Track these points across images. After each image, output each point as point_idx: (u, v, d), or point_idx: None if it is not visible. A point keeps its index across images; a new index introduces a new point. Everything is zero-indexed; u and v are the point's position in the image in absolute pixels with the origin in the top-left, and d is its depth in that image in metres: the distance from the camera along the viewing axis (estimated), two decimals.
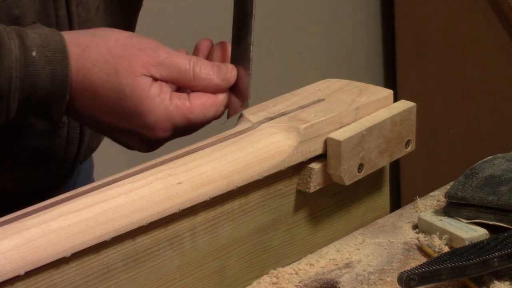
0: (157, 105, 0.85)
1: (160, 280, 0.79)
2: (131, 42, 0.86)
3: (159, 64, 0.85)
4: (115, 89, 0.84)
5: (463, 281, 0.83)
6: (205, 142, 0.84)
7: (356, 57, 2.43)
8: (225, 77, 0.89)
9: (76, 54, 0.84)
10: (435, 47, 2.28)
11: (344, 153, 0.86)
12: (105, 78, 0.84)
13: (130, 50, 0.85)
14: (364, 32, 2.42)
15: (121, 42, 0.86)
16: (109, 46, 0.85)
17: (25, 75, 0.82)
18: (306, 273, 0.88)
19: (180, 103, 0.86)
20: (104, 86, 0.84)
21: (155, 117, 0.85)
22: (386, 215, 0.99)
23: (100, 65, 0.84)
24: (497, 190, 0.92)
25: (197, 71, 0.87)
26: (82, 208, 0.73)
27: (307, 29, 2.26)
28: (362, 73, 2.43)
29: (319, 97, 0.92)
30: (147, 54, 0.85)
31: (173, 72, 0.86)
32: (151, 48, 0.86)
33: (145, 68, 0.85)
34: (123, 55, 0.85)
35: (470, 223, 0.92)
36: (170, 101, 0.85)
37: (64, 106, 0.85)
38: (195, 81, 0.87)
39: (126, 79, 0.84)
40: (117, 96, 0.85)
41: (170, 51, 0.87)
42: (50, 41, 0.84)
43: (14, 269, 0.68)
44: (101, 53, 0.85)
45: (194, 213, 0.80)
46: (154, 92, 0.85)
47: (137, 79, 0.84)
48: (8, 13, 0.89)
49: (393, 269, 0.88)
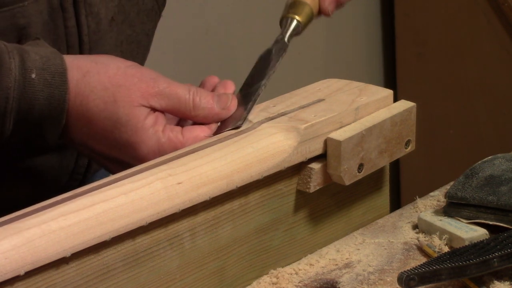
0: (149, 137, 0.84)
1: (160, 280, 0.79)
2: (132, 71, 0.86)
3: (159, 94, 0.85)
4: (111, 118, 0.84)
5: (463, 281, 0.83)
6: (205, 142, 0.84)
7: (356, 57, 2.43)
8: (225, 106, 0.88)
9: (76, 79, 0.84)
10: (435, 47, 2.28)
11: (344, 153, 0.86)
12: (102, 106, 0.84)
13: (131, 80, 0.85)
14: (364, 32, 2.42)
15: (122, 71, 0.86)
16: (109, 74, 0.85)
17: (22, 96, 0.82)
18: (306, 273, 0.88)
19: (173, 136, 0.85)
20: (101, 114, 0.84)
21: (147, 149, 0.85)
22: (386, 215, 0.99)
23: (99, 92, 0.84)
24: (497, 190, 0.92)
25: (197, 101, 0.86)
26: (82, 208, 0.73)
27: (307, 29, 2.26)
28: (362, 73, 2.43)
29: (319, 97, 0.92)
30: (147, 84, 0.85)
31: (173, 101, 0.86)
32: (151, 78, 0.86)
33: (144, 99, 0.85)
34: (123, 84, 0.85)
35: (470, 223, 0.92)
36: (163, 133, 0.85)
37: (59, 129, 0.85)
38: (195, 110, 0.87)
39: (123, 109, 0.84)
40: (113, 125, 0.84)
41: (170, 81, 0.87)
42: (50, 64, 0.83)
43: (14, 269, 0.68)
44: (101, 80, 0.85)
45: (194, 213, 0.80)
46: (148, 123, 0.84)
47: (135, 110, 0.84)
48: (13, 23, 0.89)
49: (393, 269, 0.88)
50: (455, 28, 2.22)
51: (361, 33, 2.42)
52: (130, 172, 0.78)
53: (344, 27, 2.37)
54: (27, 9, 0.89)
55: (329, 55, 2.35)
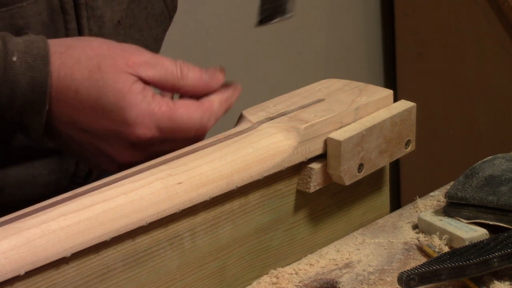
0: (139, 101, 0.81)
1: (160, 280, 0.79)
2: (116, 44, 0.84)
3: (145, 63, 0.83)
4: (96, 85, 0.81)
5: (463, 281, 0.83)
6: (205, 142, 0.84)
7: (356, 57, 2.43)
8: (213, 76, 0.85)
9: (59, 52, 0.82)
10: (435, 47, 2.28)
11: (344, 153, 0.86)
12: (87, 75, 0.82)
13: (116, 51, 0.83)
14: (364, 32, 2.42)
15: (106, 44, 0.84)
16: (93, 46, 0.83)
17: (3, 79, 0.81)
18: (306, 273, 0.88)
19: (164, 102, 0.82)
20: (86, 83, 0.82)
21: (136, 112, 0.81)
22: (386, 215, 0.99)
23: (83, 62, 0.82)
24: (497, 190, 0.92)
25: (185, 71, 0.84)
26: (82, 208, 0.73)
27: (307, 29, 2.26)
28: (362, 73, 2.43)
29: (319, 97, 0.92)
30: (132, 54, 0.83)
31: (160, 71, 0.83)
32: (136, 49, 0.84)
33: (130, 67, 0.82)
34: (108, 54, 0.82)
35: (470, 223, 0.92)
36: (152, 99, 0.82)
37: (44, 115, 0.83)
38: (183, 80, 0.84)
39: (108, 75, 0.81)
40: (98, 91, 0.81)
41: (156, 54, 0.84)
42: (33, 47, 0.82)
43: (14, 269, 0.68)
44: (85, 51, 0.82)
45: (194, 213, 0.80)
46: (136, 88, 0.81)
47: (121, 75, 0.81)
48: (12, 23, 0.88)
49: (393, 269, 0.88)
50: (455, 28, 2.22)
51: (361, 33, 2.42)
52: (130, 172, 0.78)
53: (344, 27, 2.37)
54: (26, 10, 0.89)
55: (329, 55, 2.35)
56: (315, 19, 2.29)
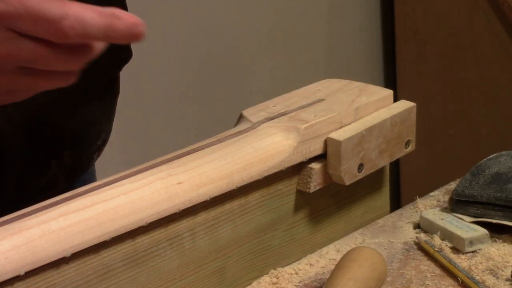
0: None
1: (160, 280, 0.79)
2: None
3: None
4: None
5: (462, 280, 0.84)
6: (205, 142, 0.84)
7: (356, 57, 2.43)
8: None
9: None
10: (435, 47, 2.28)
11: (344, 153, 0.86)
12: None
13: None
14: (364, 32, 2.42)
15: None
16: None
17: None
18: (306, 273, 0.88)
19: None
20: None
21: None
22: (386, 215, 0.99)
23: None
24: (505, 187, 0.92)
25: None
26: (82, 208, 0.73)
27: (307, 29, 2.26)
28: (362, 73, 2.43)
29: (319, 97, 0.92)
30: None
31: None
32: None
33: None
34: None
35: (473, 222, 0.92)
36: None
37: None
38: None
39: None
40: None
41: None
42: None
43: (14, 269, 0.68)
44: None
45: (194, 213, 0.80)
46: None
47: None
48: None
49: (393, 269, 0.88)
50: (455, 28, 2.23)
51: (361, 33, 2.42)
52: (130, 172, 0.78)
53: (344, 27, 2.37)
54: None
55: (329, 55, 2.35)
56: (315, 19, 2.29)
